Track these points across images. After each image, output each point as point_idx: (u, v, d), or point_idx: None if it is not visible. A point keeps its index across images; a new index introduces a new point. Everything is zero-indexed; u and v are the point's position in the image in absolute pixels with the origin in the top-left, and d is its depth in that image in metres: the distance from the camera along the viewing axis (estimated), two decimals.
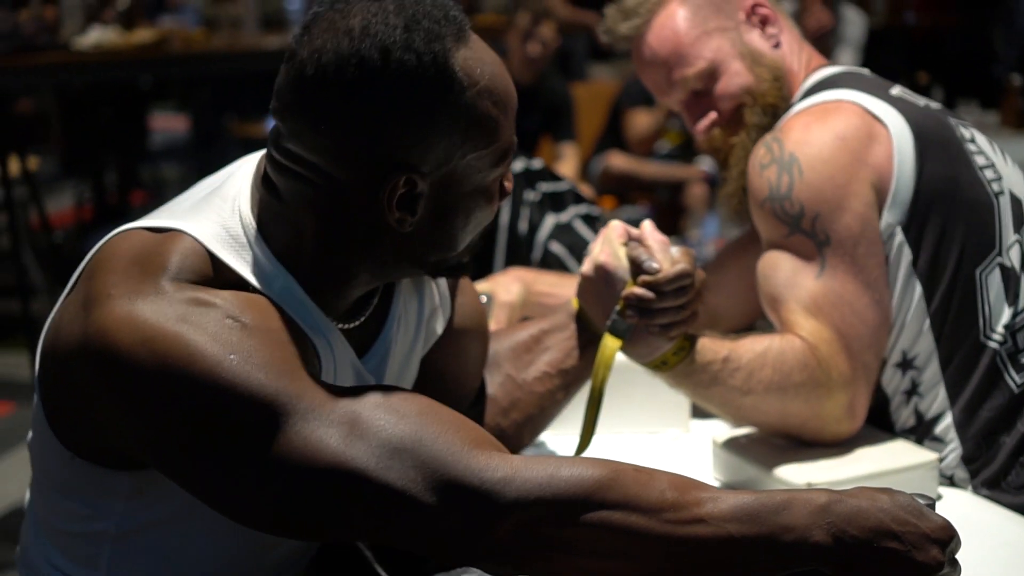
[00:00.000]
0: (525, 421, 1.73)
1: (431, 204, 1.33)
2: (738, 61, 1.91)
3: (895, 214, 1.76)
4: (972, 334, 1.77)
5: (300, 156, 1.31)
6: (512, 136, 1.38)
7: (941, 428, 1.79)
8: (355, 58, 1.27)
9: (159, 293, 1.26)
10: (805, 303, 1.74)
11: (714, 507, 1.22)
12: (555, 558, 1.22)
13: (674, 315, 1.65)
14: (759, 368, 1.71)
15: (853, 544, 1.22)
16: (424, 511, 1.20)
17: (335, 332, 1.40)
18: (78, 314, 1.29)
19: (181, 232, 1.33)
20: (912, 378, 1.79)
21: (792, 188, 1.75)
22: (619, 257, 1.68)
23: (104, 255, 1.34)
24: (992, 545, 1.65)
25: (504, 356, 1.74)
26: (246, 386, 1.21)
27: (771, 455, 1.78)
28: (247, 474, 1.22)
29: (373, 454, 1.20)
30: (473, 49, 1.33)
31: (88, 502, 1.39)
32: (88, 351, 1.26)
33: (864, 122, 1.78)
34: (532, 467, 1.21)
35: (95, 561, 1.42)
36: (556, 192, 2.93)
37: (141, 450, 1.30)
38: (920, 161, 1.77)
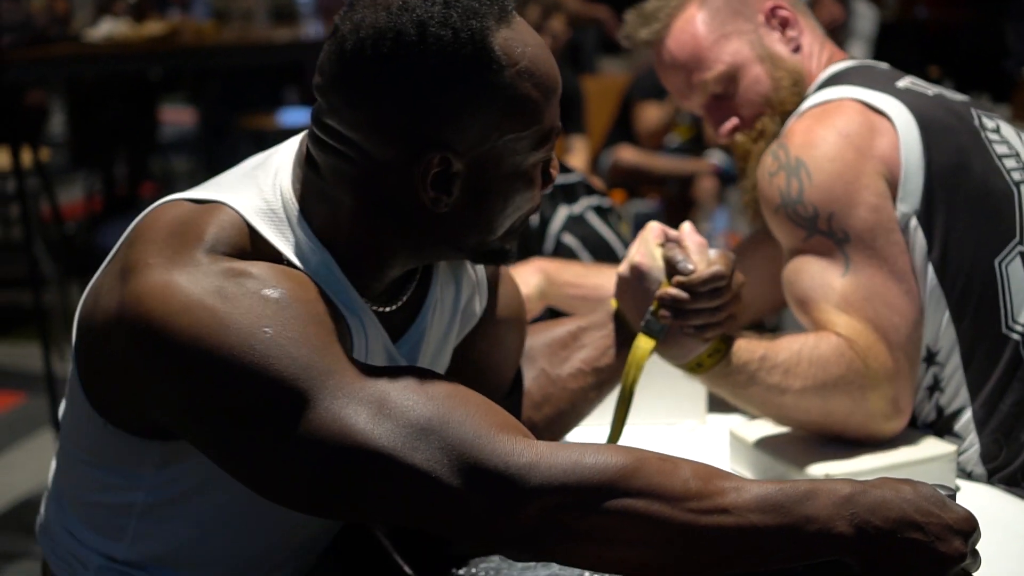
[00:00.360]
0: (556, 416, 1.73)
1: (468, 185, 1.33)
2: (758, 65, 1.91)
3: (908, 203, 1.75)
4: (994, 325, 1.76)
5: (338, 132, 1.32)
6: (555, 120, 1.37)
7: (961, 424, 1.78)
8: (392, 32, 1.27)
9: (196, 264, 1.28)
10: (835, 302, 1.73)
11: (737, 497, 1.22)
12: (578, 545, 1.23)
13: (709, 316, 1.65)
14: (795, 364, 1.70)
15: (876, 535, 1.22)
16: (448, 493, 1.20)
17: (369, 313, 1.40)
18: (116, 282, 1.31)
19: (222, 204, 1.34)
20: (935, 373, 1.78)
21: (803, 192, 1.75)
22: (655, 257, 1.68)
23: (146, 224, 1.36)
24: (1009, 537, 1.65)
25: (540, 351, 1.74)
26: (278, 360, 1.22)
27: (789, 447, 1.78)
28: (273, 448, 1.23)
29: (400, 434, 1.21)
30: (515, 30, 1.32)
31: (118, 471, 1.41)
32: (124, 319, 1.28)
33: (865, 117, 1.78)
34: (557, 453, 1.21)
35: (120, 533, 1.44)
36: (567, 184, 2.92)
37: (172, 420, 1.31)
38: (927, 149, 1.76)
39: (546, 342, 1.75)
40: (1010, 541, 1.64)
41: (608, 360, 1.74)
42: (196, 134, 7.96)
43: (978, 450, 1.77)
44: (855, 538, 1.22)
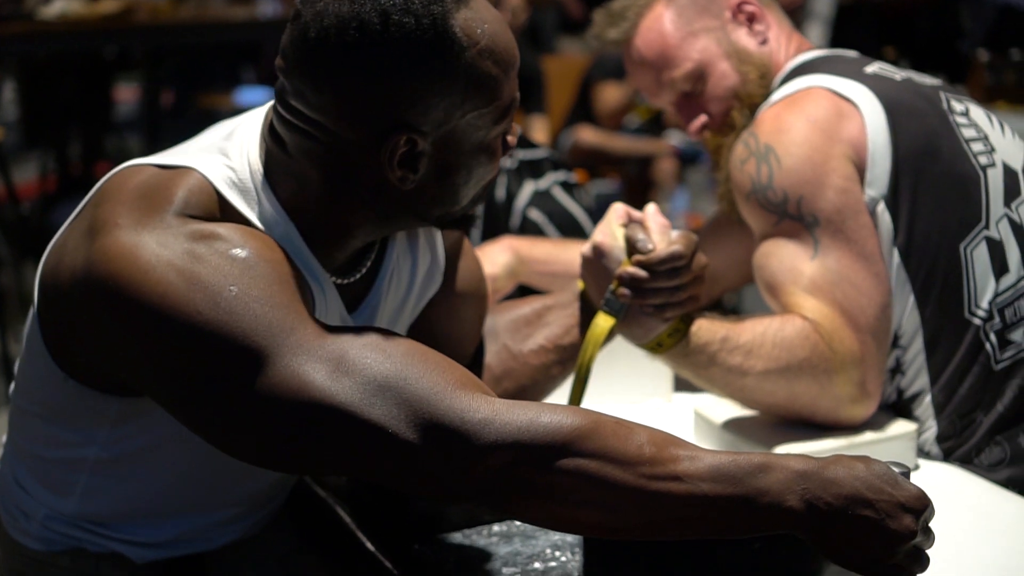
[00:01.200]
0: (517, 391, 1.74)
1: (433, 162, 1.36)
2: (725, 61, 1.92)
3: (876, 188, 1.76)
4: (957, 310, 1.77)
5: (304, 114, 1.34)
6: (514, 93, 1.40)
7: (920, 407, 1.79)
8: (355, 21, 1.29)
9: (164, 225, 1.30)
10: (803, 285, 1.74)
11: (690, 465, 1.23)
12: (531, 502, 1.24)
13: (668, 296, 1.66)
14: (759, 346, 1.70)
15: (827, 511, 1.23)
16: (404, 448, 1.22)
17: (329, 283, 1.43)
18: (83, 240, 1.33)
19: (191, 169, 1.36)
20: (896, 356, 1.79)
21: (772, 177, 1.76)
22: (616, 237, 1.69)
23: (113, 185, 1.37)
24: (966, 514, 1.66)
25: (503, 327, 1.76)
26: (241, 317, 1.25)
27: (752, 426, 1.79)
28: (234, 402, 1.25)
29: (357, 390, 1.23)
30: (474, 9, 1.34)
31: (73, 427, 1.44)
32: (91, 277, 1.29)
33: (832, 103, 1.79)
34: (513, 410, 1.23)
35: (69, 488, 1.48)
36: (533, 159, 2.93)
37: (135, 376, 1.33)
38: (894, 133, 1.77)
39: (511, 319, 1.76)
40: (967, 518, 1.65)
41: (572, 338, 1.74)
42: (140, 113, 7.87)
43: (935, 432, 1.79)
44: (806, 513, 1.23)
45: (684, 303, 1.68)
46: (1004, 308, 1.78)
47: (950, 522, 1.63)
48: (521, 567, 1.53)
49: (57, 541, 1.51)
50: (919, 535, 1.26)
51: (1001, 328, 1.78)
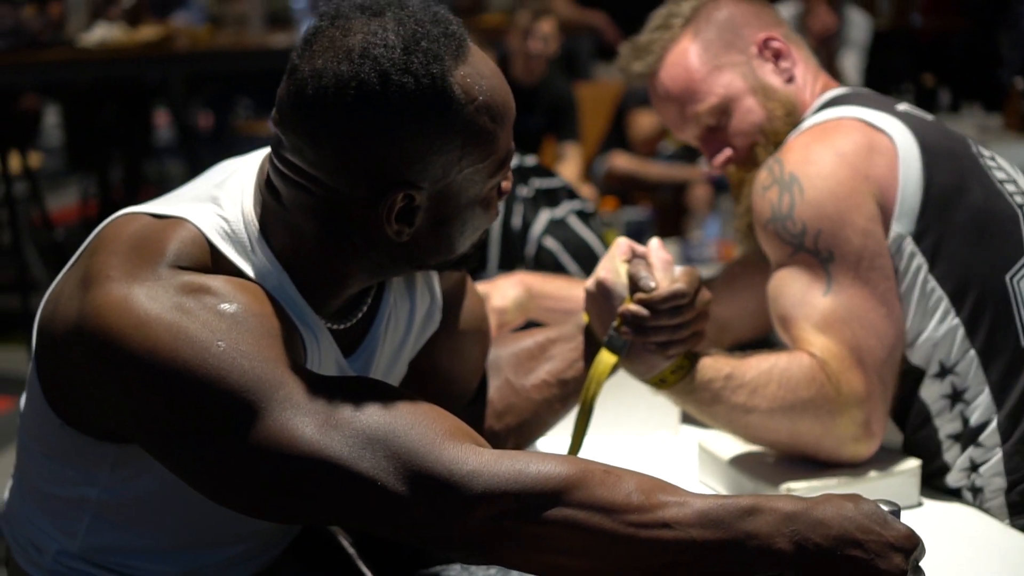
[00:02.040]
0: (519, 426, 1.74)
1: (429, 215, 1.36)
2: (750, 96, 1.91)
3: (903, 224, 1.75)
4: (1011, 339, 1.75)
5: (300, 168, 1.34)
6: (509, 144, 1.40)
7: (986, 434, 1.77)
8: (355, 81, 1.29)
9: (156, 278, 1.31)
10: (814, 320, 1.73)
11: (679, 511, 1.23)
12: (521, 551, 1.25)
13: (671, 333, 1.66)
14: (764, 385, 1.70)
15: (816, 552, 1.23)
16: (394, 500, 1.23)
17: (323, 330, 1.43)
18: (76, 291, 1.34)
19: (183, 220, 1.37)
20: (953, 383, 1.77)
21: (793, 208, 1.75)
22: (619, 274, 1.68)
23: (107, 235, 1.38)
24: (968, 549, 1.65)
25: (506, 361, 1.76)
26: (229, 373, 1.25)
27: (756, 459, 1.79)
28: (226, 458, 1.27)
29: (346, 444, 1.24)
30: (472, 65, 1.34)
31: (75, 467, 1.45)
32: (83, 330, 1.30)
33: (865, 135, 1.78)
34: (502, 462, 1.23)
35: (75, 524, 1.47)
36: (550, 188, 2.95)
37: (127, 428, 1.35)
38: (928, 171, 1.76)
39: (513, 352, 1.76)
40: (969, 555, 1.64)
41: (574, 373, 1.74)
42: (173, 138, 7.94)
43: (1001, 460, 1.76)
44: (795, 555, 1.23)
45: (687, 340, 1.67)
46: None
47: (952, 559, 1.62)
48: None
49: (70, 574, 1.50)
50: (909, 574, 1.26)
51: None
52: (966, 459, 1.78)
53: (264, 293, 1.35)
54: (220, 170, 1.50)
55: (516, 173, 2.96)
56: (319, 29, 1.34)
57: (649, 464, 1.93)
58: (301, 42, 1.35)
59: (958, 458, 1.78)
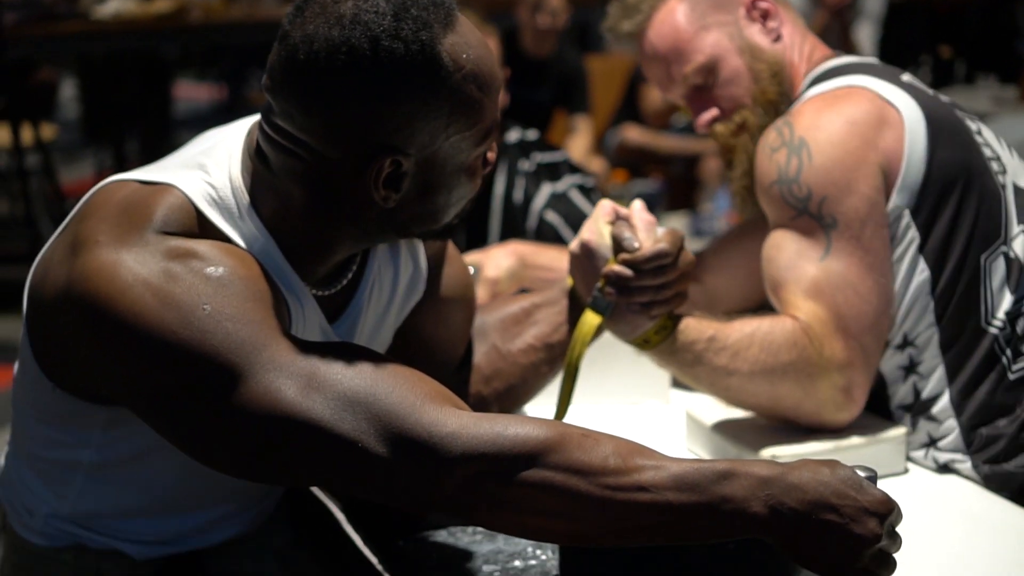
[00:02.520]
0: (507, 390, 1.77)
1: (415, 182, 1.38)
2: (737, 57, 1.91)
3: (903, 197, 1.76)
4: (974, 319, 1.77)
5: (290, 133, 1.36)
6: (496, 114, 1.41)
7: (938, 408, 1.79)
8: (345, 46, 1.30)
9: (143, 243, 1.33)
10: (805, 285, 1.74)
11: (655, 474, 1.25)
12: (500, 513, 1.27)
13: (654, 294, 1.67)
14: (746, 348, 1.72)
15: (791, 516, 1.25)
16: (374, 461, 1.25)
17: (308, 296, 1.45)
18: (66, 256, 1.36)
19: (171, 186, 1.38)
20: (911, 355, 1.79)
21: (801, 171, 1.76)
22: (603, 235, 1.70)
23: (96, 202, 1.40)
24: (952, 517, 1.67)
25: (492, 327, 1.78)
26: (213, 335, 1.28)
27: (742, 427, 1.80)
28: (211, 420, 1.29)
29: (328, 406, 1.26)
30: (460, 34, 1.36)
31: (66, 430, 1.48)
32: (72, 295, 1.33)
33: (876, 106, 1.79)
34: (481, 424, 1.25)
35: (66, 487, 1.51)
36: (551, 162, 2.95)
37: (115, 391, 1.37)
38: (932, 146, 1.77)
39: (499, 318, 1.78)
40: (954, 524, 1.66)
41: (560, 336, 1.76)
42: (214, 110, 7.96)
43: (959, 435, 1.78)
44: (770, 518, 1.25)
45: (670, 300, 1.69)
46: (1016, 320, 1.78)
47: (936, 527, 1.64)
48: (501, 564, 1.55)
49: (59, 537, 1.54)
50: (884, 539, 1.27)
51: (1012, 338, 1.78)
52: (924, 434, 1.80)
53: (251, 258, 1.37)
54: (206, 138, 1.52)
55: (518, 147, 2.97)
56: None
57: (638, 432, 1.94)
58: (293, 8, 1.36)
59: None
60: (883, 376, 1.82)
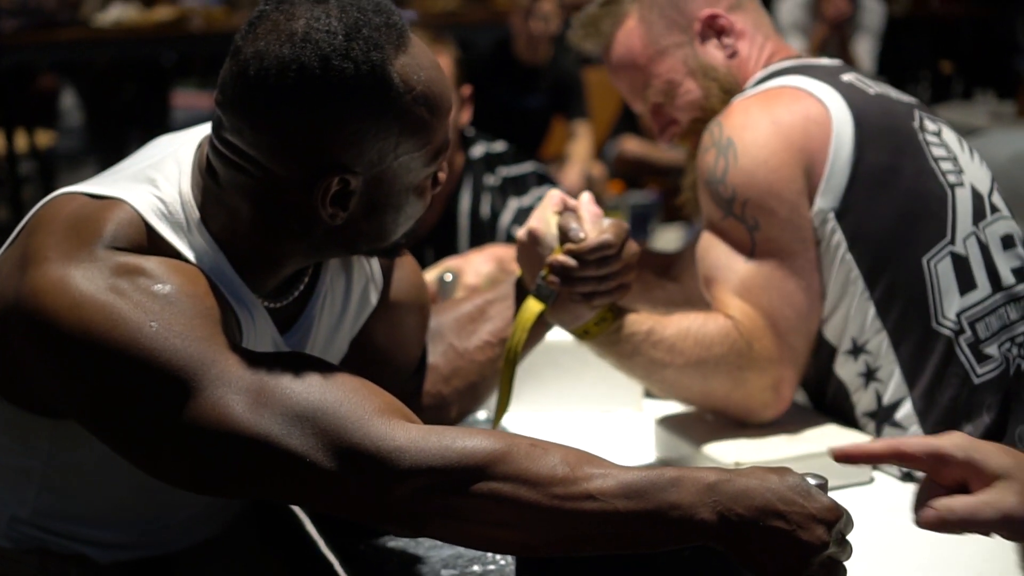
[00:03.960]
0: (467, 389, 1.77)
1: (363, 200, 1.38)
2: (690, 79, 1.94)
3: (828, 200, 1.77)
4: (922, 320, 1.78)
5: (239, 149, 1.36)
6: (446, 134, 1.42)
7: (902, 414, 1.79)
8: (295, 64, 1.30)
9: (92, 260, 1.32)
10: (734, 285, 1.77)
11: (603, 483, 1.26)
12: (450, 524, 1.27)
13: (596, 284, 1.68)
14: (681, 340, 1.74)
15: (739, 522, 1.25)
16: (323, 476, 1.25)
17: (259, 308, 1.45)
18: (15, 271, 1.36)
19: (121, 201, 1.38)
20: (866, 362, 1.81)
21: (727, 173, 1.78)
22: (550, 224, 1.72)
23: (45, 216, 1.40)
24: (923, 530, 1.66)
25: (448, 327, 1.79)
26: (161, 352, 1.28)
27: (705, 433, 1.80)
28: (161, 436, 1.29)
29: (276, 421, 1.26)
30: (411, 55, 1.36)
31: (15, 439, 1.48)
32: (20, 311, 1.33)
33: (803, 106, 1.80)
34: (429, 437, 1.26)
35: (23, 494, 1.51)
36: (517, 176, 2.94)
37: (63, 405, 1.37)
38: (859, 148, 1.78)
39: (454, 317, 1.79)
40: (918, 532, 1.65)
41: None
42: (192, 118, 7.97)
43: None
44: (718, 525, 1.25)
45: (613, 292, 1.70)
46: (975, 322, 1.78)
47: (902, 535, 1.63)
48: (460, 569, 1.56)
49: (23, 540, 1.54)
50: (833, 546, 1.27)
51: (974, 342, 1.78)
52: None
53: (199, 273, 1.37)
54: (158, 147, 1.51)
55: (483, 161, 2.96)
56: (263, 13, 1.35)
57: (613, 441, 1.96)
58: (246, 24, 1.36)
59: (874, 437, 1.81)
60: (844, 384, 1.83)
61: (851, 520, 1.29)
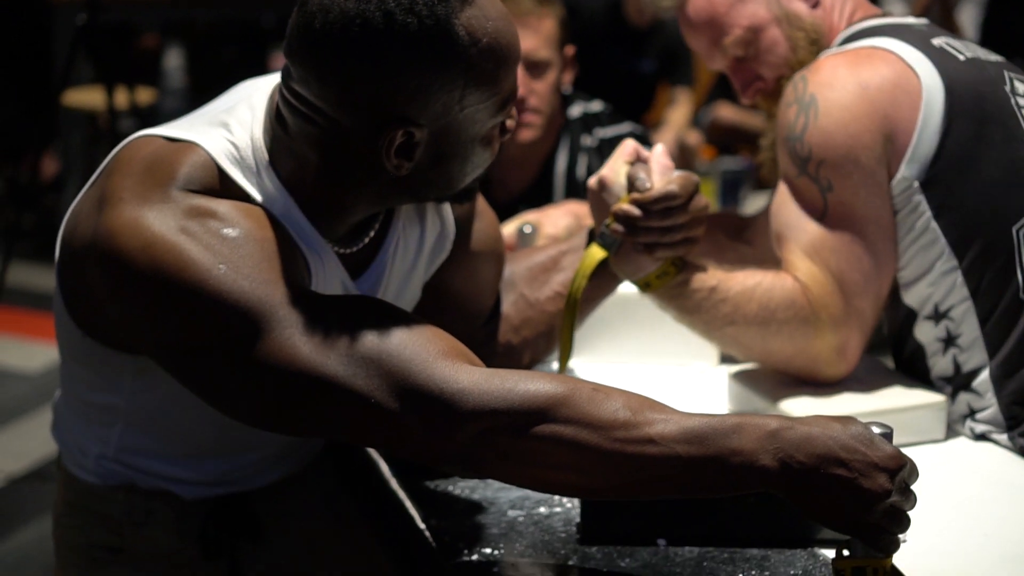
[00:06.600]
0: (536, 338, 1.79)
1: (429, 151, 1.40)
2: (775, 27, 1.90)
3: (913, 169, 1.74)
4: (1010, 290, 1.75)
5: (307, 99, 1.38)
6: (514, 84, 1.42)
7: (979, 381, 1.77)
8: (359, 19, 1.32)
9: (165, 201, 1.36)
10: (804, 245, 1.76)
11: (664, 427, 1.27)
12: (511, 466, 1.29)
13: (659, 235, 1.69)
14: (746, 302, 1.74)
15: (800, 469, 1.25)
16: (387, 416, 1.28)
17: (329, 252, 1.47)
18: (93, 210, 1.41)
19: (195, 145, 1.41)
20: (948, 328, 1.78)
21: (805, 130, 1.75)
22: (619, 173, 1.72)
23: (123, 157, 1.44)
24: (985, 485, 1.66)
25: (520, 276, 1.80)
26: (231, 294, 1.31)
27: (780, 388, 1.80)
28: (230, 375, 1.33)
29: (341, 362, 1.29)
30: (478, 6, 1.36)
31: (100, 375, 1.53)
32: (96, 250, 1.37)
33: (894, 71, 1.76)
34: (492, 380, 1.28)
35: (109, 431, 1.56)
36: (615, 136, 2.94)
37: (138, 343, 1.42)
38: (948, 118, 1.74)
39: (527, 267, 1.81)
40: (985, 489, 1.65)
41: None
42: None
43: (998, 410, 1.76)
44: (779, 471, 1.26)
45: (676, 245, 1.70)
46: None
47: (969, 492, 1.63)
48: (527, 510, 1.58)
49: (110, 476, 1.59)
50: (895, 495, 1.27)
51: None
52: (964, 405, 1.79)
53: (268, 218, 1.40)
54: (238, 92, 1.54)
55: (580, 122, 2.96)
56: None
57: (687, 395, 1.97)
58: None
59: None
60: (923, 347, 1.81)
61: (916, 469, 1.29)
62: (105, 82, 4.05)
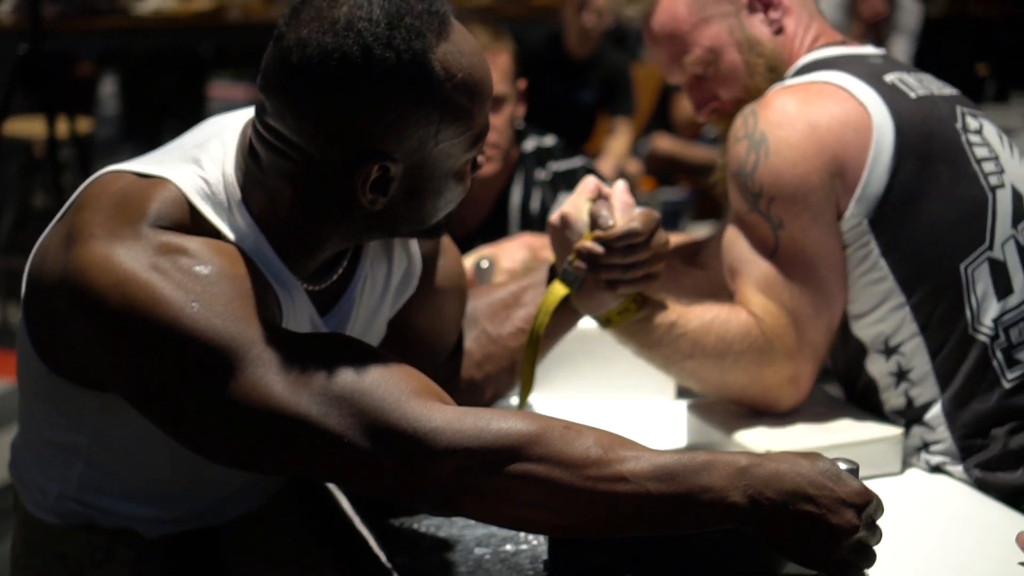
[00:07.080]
0: (499, 373, 1.80)
1: (403, 186, 1.40)
2: (734, 50, 1.91)
3: (862, 207, 1.76)
4: (960, 326, 1.77)
5: (281, 133, 1.38)
6: (486, 119, 1.43)
7: (931, 415, 1.80)
8: (337, 53, 1.32)
9: (136, 238, 1.34)
10: (757, 280, 1.78)
11: (635, 465, 1.28)
12: (484, 504, 1.30)
13: (621, 272, 1.70)
14: (704, 335, 1.76)
15: (769, 506, 1.27)
16: (360, 455, 1.28)
17: (299, 290, 1.47)
18: (62, 246, 1.39)
19: (166, 180, 1.40)
20: (899, 362, 1.81)
21: (756, 168, 1.77)
22: (581, 210, 1.74)
23: (93, 193, 1.42)
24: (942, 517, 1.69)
25: (482, 312, 1.82)
26: (204, 332, 1.30)
27: (737, 421, 1.83)
28: (202, 413, 1.32)
29: (314, 401, 1.29)
30: (453, 42, 1.38)
31: (63, 413, 1.51)
32: (66, 286, 1.35)
33: (844, 110, 1.77)
34: (465, 418, 1.29)
35: (70, 470, 1.54)
36: (568, 170, 2.96)
37: (107, 380, 1.40)
38: (897, 157, 1.75)
39: (489, 303, 1.82)
40: (943, 523, 1.67)
41: None
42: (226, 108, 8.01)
43: (952, 442, 1.79)
44: (749, 508, 1.28)
45: (637, 281, 1.71)
46: (1009, 328, 1.78)
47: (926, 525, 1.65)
48: (493, 548, 1.58)
49: (70, 515, 1.57)
50: (863, 530, 1.29)
51: (1007, 347, 1.78)
52: (917, 438, 1.82)
53: (240, 254, 1.39)
54: (207, 127, 1.54)
55: (534, 156, 2.97)
56: None
57: (645, 428, 1.98)
58: (288, 9, 1.38)
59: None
60: (875, 381, 1.84)
61: (881, 505, 1.31)
62: (46, 111, 4.02)
